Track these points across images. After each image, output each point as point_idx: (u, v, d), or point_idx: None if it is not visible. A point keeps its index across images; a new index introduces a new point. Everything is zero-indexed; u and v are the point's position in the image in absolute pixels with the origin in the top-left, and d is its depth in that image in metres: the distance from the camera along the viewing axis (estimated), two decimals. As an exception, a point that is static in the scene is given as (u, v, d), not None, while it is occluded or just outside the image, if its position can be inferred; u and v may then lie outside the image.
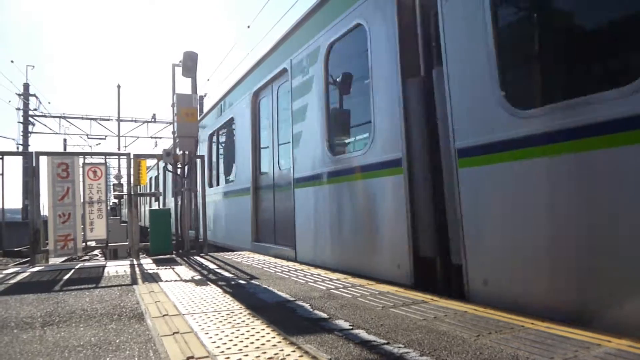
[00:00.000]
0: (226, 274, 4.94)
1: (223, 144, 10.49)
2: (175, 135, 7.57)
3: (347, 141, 5.32)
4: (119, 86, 26.22)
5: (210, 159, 10.81)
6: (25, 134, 28.03)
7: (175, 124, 7.48)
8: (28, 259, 6.65)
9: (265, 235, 7.31)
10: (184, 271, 5.22)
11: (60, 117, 29.82)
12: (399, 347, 2.21)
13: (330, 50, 5.30)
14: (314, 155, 5.46)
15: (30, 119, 28.37)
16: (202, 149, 10.97)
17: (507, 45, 3.13)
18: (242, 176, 8.19)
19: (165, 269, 5.46)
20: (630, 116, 2.34)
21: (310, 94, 5.60)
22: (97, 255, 18.03)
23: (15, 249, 16.99)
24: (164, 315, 2.98)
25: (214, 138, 10.74)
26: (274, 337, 2.42)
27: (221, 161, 10.52)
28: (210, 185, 10.45)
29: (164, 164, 8.46)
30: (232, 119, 9.06)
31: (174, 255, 7.10)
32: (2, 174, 6.07)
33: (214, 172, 10.71)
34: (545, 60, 3.03)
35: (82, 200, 6.44)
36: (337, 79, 5.36)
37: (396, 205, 4.09)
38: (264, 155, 7.59)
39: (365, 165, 4.56)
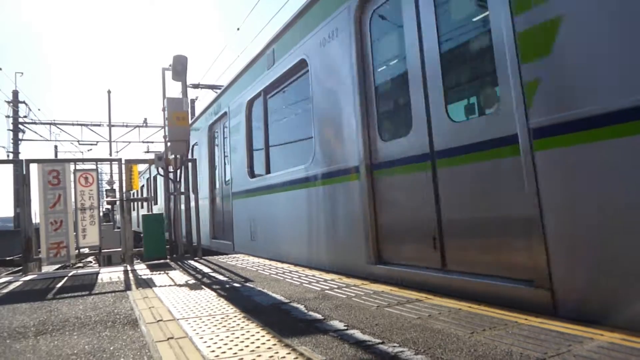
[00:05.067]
0: (220, 277, 4.92)
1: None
2: (167, 139, 7.54)
3: None
4: (109, 91, 26.09)
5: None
6: (16, 141, 27.78)
7: (167, 128, 7.45)
8: (20, 267, 6.59)
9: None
10: (178, 276, 5.19)
11: (50, 123, 29.56)
12: (394, 347, 2.22)
13: None
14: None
15: (20, 126, 28.12)
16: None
17: None
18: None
19: (159, 274, 5.43)
20: None
21: None
22: (90, 262, 17.91)
23: (8, 258, 16.85)
24: (158, 321, 2.96)
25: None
26: (268, 340, 2.42)
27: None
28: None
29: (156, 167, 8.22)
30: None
31: (168, 260, 7.07)
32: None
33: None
34: None
35: (74, 207, 6.40)
36: None
37: None
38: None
39: None
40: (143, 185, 22.91)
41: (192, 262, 6.72)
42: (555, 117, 2.71)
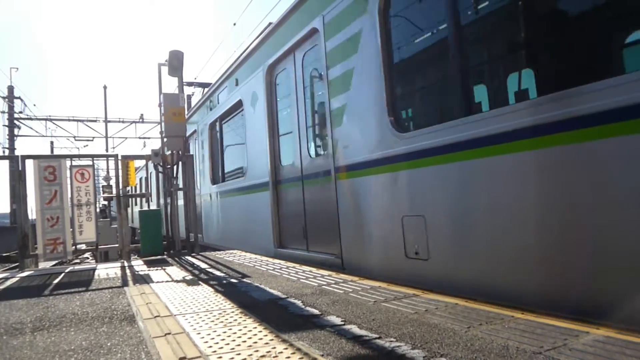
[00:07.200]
0: (218, 273, 4.92)
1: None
2: (163, 135, 7.52)
3: None
4: (105, 87, 25.93)
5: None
6: (11, 137, 27.61)
7: (163, 124, 7.42)
8: (17, 264, 6.58)
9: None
10: (175, 272, 5.19)
11: (46, 119, 29.39)
12: (391, 341, 2.22)
13: None
14: None
15: (15, 122, 27.95)
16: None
17: None
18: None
19: (157, 270, 5.43)
20: None
21: None
22: (87, 258, 17.88)
23: (4, 254, 16.81)
24: (155, 317, 2.96)
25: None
26: (266, 335, 2.43)
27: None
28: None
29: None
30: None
31: (165, 256, 7.06)
32: (-12, 179, 5.98)
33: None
34: None
35: (70, 203, 6.38)
36: None
37: None
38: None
39: None
40: (137, 184, 22.90)
41: (189, 258, 6.72)
42: (343, 162, 4.67)
